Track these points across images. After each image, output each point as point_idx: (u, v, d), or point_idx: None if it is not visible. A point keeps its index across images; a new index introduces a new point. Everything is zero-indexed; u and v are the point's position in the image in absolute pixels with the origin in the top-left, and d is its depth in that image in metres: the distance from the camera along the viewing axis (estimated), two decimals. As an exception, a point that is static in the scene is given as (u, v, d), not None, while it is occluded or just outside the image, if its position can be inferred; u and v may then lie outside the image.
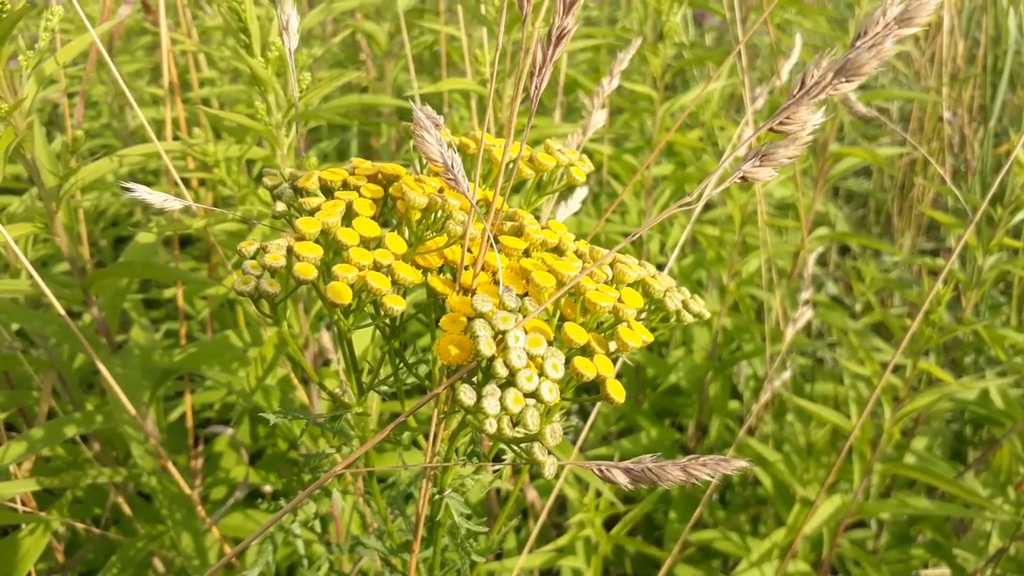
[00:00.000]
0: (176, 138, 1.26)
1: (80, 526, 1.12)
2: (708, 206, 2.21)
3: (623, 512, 1.34)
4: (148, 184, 1.78)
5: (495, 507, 1.45)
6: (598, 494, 1.30)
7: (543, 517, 1.06)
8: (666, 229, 1.81)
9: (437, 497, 0.60)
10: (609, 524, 1.38)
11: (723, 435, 1.68)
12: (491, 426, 0.47)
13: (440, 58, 1.98)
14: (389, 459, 1.14)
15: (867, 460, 1.24)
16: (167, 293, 1.48)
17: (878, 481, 1.42)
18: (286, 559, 1.37)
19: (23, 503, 1.11)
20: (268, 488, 1.33)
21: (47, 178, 0.98)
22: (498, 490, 1.40)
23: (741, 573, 1.30)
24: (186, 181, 1.39)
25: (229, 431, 1.24)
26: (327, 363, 1.17)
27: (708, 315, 0.63)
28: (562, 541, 1.22)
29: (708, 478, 0.45)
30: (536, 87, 0.49)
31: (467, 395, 0.47)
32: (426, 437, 0.67)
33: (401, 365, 0.61)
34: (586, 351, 0.52)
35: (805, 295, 1.44)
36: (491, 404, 0.47)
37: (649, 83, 1.92)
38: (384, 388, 0.66)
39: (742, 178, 0.47)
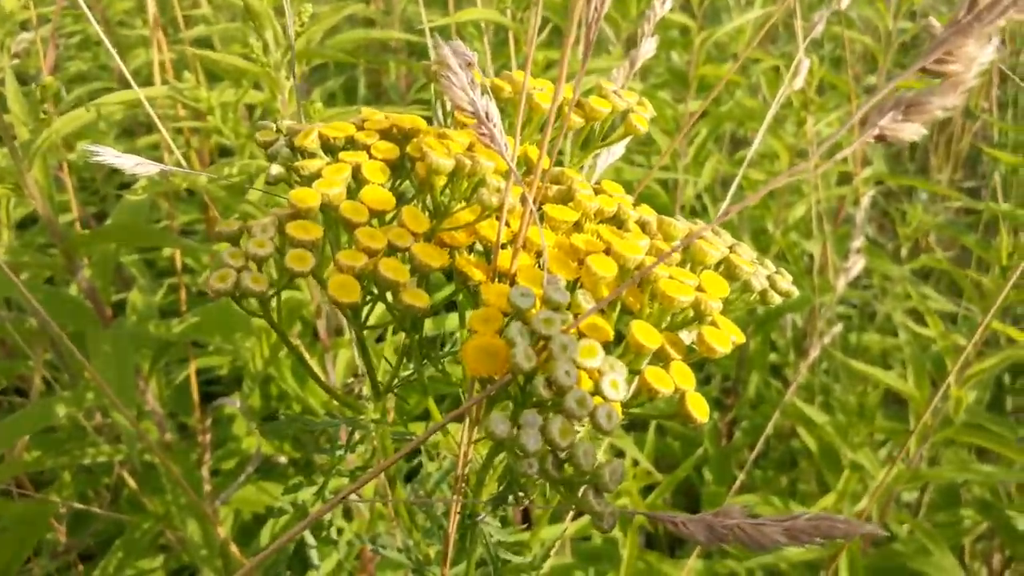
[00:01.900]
0: (165, 83, 1.13)
1: (81, 507, 1.05)
2: (740, 143, 2.07)
3: (660, 480, 1.25)
4: (150, 129, 1.66)
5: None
6: (635, 463, 1.21)
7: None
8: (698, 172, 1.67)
9: (468, 522, 0.51)
10: (646, 491, 1.30)
11: (760, 390, 1.58)
12: (531, 467, 0.37)
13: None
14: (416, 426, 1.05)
15: (928, 426, 1.14)
16: (166, 251, 1.38)
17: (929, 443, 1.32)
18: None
19: (18, 485, 1.03)
20: (283, 458, 1.26)
21: (21, 132, 0.87)
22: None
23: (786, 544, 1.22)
24: (181, 130, 1.27)
25: (237, 404, 1.15)
26: (340, 332, 1.07)
27: (796, 293, 0.52)
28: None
29: (819, 545, 0.35)
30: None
31: (499, 427, 0.37)
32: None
33: (425, 361, 0.51)
34: (658, 356, 0.42)
35: (856, 243, 1.32)
36: (531, 438, 0.36)
37: (678, 10, 1.76)
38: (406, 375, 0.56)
39: (878, 137, 0.35)
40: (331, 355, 1.04)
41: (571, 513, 1.07)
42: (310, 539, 0.61)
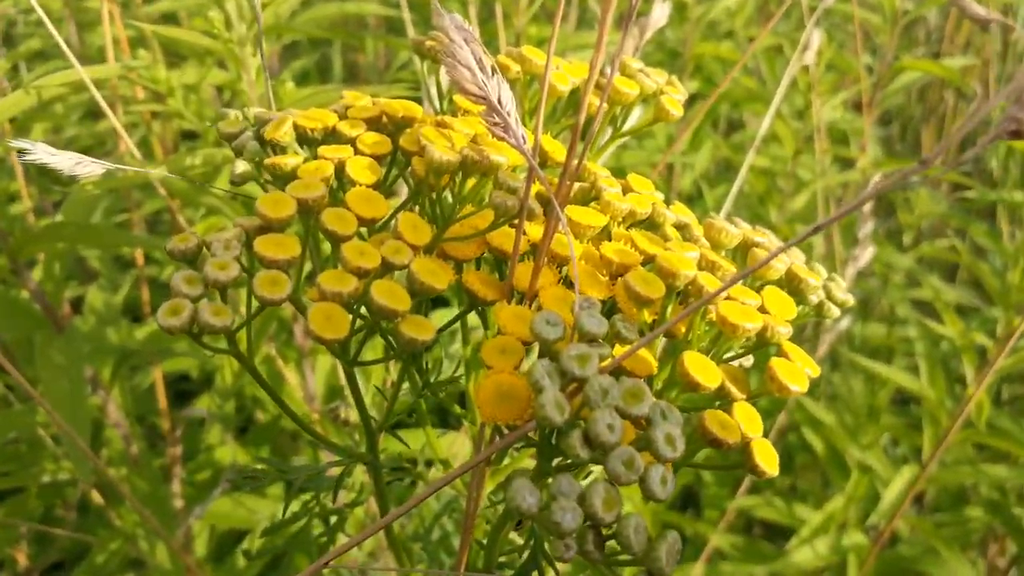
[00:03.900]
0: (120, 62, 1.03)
1: (42, 528, 0.96)
2: (735, 126, 1.99)
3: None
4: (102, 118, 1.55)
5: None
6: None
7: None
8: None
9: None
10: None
11: (758, 383, 1.52)
12: (568, 550, 0.29)
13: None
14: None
15: (942, 427, 1.09)
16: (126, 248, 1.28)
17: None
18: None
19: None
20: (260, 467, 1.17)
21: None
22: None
23: (794, 550, 1.16)
24: (139, 113, 1.17)
25: (205, 413, 1.07)
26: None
27: (852, 301, 0.45)
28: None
29: None
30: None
31: (525, 499, 0.29)
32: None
33: (424, 390, 0.43)
34: (716, 395, 0.34)
35: (864, 230, 1.25)
36: (567, 514, 0.28)
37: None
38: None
39: (1014, 133, 0.27)
40: (309, 361, 0.95)
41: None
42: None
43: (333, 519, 0.55)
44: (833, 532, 1.17)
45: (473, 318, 0.43)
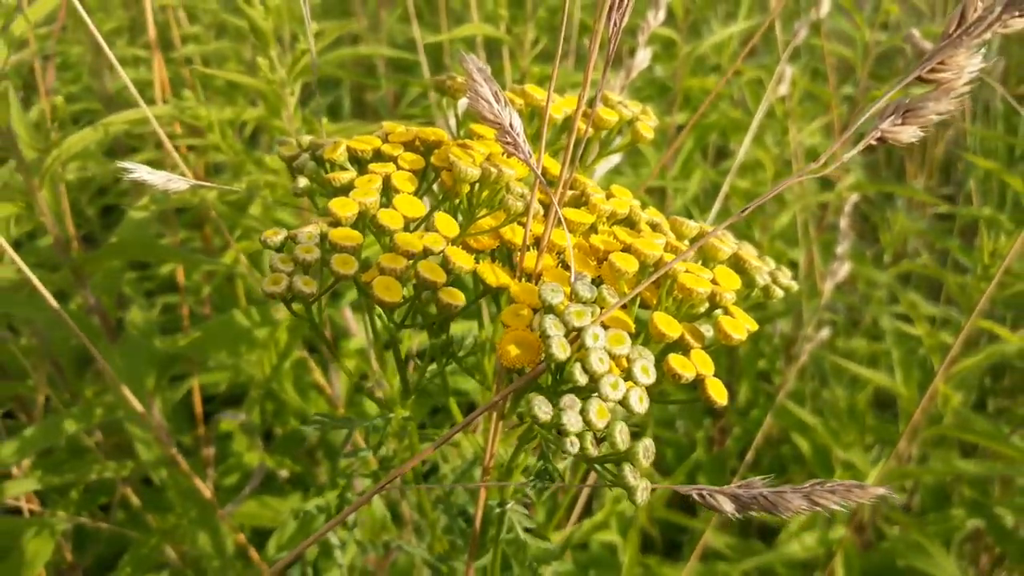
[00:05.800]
0: (164, 101, 1.15)
1: (88, 523, 1.05)
2: (724, 154, 2.11)
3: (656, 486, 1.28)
4: (133, 150, 1.67)
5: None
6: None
7: (583, 496, 1.00)
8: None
9: (498, 510, 0.53)
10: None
11: (750, 397, 1.61)
12: (572, 446, 0.39)
13: (438, 6, 1.86)
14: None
15: (917, 423, 1.18)
16: (164, 269, 1.39)
17: (919, 440, 1.36)
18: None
19: (25, 501, 1.03)
20: (284, 473, 1.27)
21: (26, 151, 0.89)
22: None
23: (782, 544, 1.25)
24: (176, 147, 1.28)
25: (241, 416, 1.17)
26: (337, 347, 1.09)
27: (796, 287, 0.55)
28: (598, 517, 1.16)
29: (837, 507, 0.39)
30: None
31: (542, 409, 0.39)
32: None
33: (449, 360, 0.53)
34: (679, 345, 0.44)
35: (841, 247, 1.36)
36: (572, 419, 0.39)
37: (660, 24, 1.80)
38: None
39: (879, 140, 0.38)
40: (334, 368, 1.05)
41: (574, 517, 1.09)
42: (334, 539, 0.63)
43: (367, 481, 0.65)
44: (820, 526, 1.26)
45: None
